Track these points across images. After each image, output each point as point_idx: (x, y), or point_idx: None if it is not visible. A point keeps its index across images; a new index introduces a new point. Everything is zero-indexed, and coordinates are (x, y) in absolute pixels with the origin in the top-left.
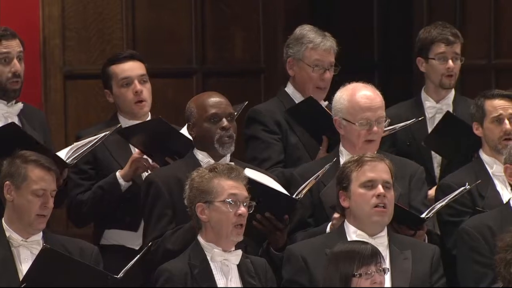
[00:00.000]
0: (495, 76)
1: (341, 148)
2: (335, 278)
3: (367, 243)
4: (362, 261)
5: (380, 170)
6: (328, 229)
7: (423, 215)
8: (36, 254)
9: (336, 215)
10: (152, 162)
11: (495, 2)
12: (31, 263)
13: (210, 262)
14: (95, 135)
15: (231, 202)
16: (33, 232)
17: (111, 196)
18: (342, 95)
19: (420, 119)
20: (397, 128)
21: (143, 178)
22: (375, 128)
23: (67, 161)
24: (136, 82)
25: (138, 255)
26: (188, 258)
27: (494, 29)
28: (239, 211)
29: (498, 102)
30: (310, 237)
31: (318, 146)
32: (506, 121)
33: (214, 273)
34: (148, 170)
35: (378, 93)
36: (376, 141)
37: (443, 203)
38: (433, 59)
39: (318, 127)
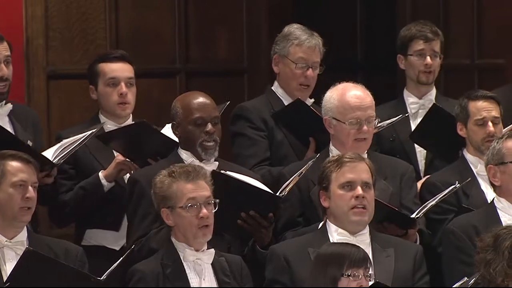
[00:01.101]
0: (478, 76)
1: (331, 147)
2: (322, 278)
3: (358, 247)
4: (353, 263)
5: (359, 170)
6: None
7: (413, 215)
8: (20, 254)
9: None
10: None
11: (478, 2)
12: (15, 264)
13: (183, 261)
14: (81, 133)
15: (191, 206)
16: (17, 226)
17: (94, 196)
18: (332, 94)
19: (405, 115)
20: (384, 125)
21: (126, 179)
22: (365, 127)
23: (53, 161)
24: (122, 84)
25: (122, 257)
26: (161, 258)
27: (477, 29)
28: (201, 214)
29: (482, 104)
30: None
31: (304, 145)
32: (490, 124)
33: (187, 272)
34: (132, 172)
35: (368, 93)
36: (367, 140)
37: (433, 202)
38: (412, 55)
39: (305, 129)
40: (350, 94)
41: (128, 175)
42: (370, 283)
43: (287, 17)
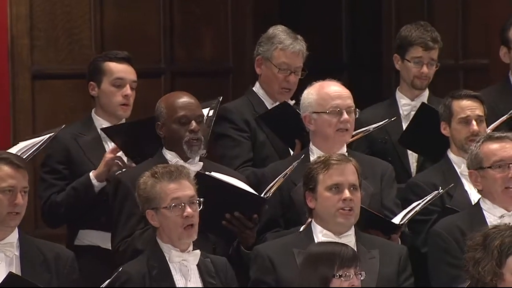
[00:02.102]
0: (463, 76)
1: (312, 146)
2: (313, 278)
3: (347, 245)
4: (343, 263)
5: (346, 173)
6: None
7: (396, 219)
8: (10, 256)
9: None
10: (128, 161)
11: (462, 2)
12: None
13: (168, 263)
14: (39, 136)
15: (175, 206)
16: (6, 229)
17: (85, 197)
18: (310, 91)
19: (392, 119)
20: (371, 129)
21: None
22: (345, 116)
23: None
24: (128, 86)
25: (110, 279)
26: (146, 259)
27: (462, 29)
28: (185, 213)
29: (466, 103)
30: None
31: (287, 146)
32: (474, 122)
33: (173, 273)
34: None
35: (344, 87)
36: (349, 131)
37: (417, 208)
38: (409, 61)
39: (290, 132)
40: (328, 87)
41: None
42: (361, 278)
43: (272, 18)
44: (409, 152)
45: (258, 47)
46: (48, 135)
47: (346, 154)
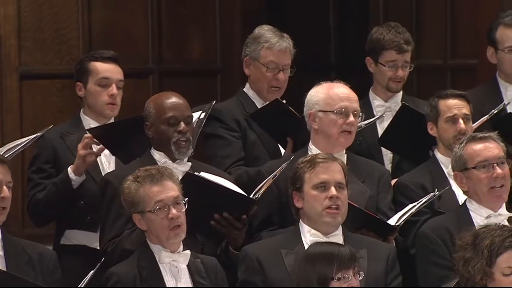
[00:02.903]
0: (451, 76)
1: (311, 145)
2: (312, 278)
3: (344, 246)
4: (342, 265)
5: (333, 171)
6: None
7: (391, 221)
8: None
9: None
10: (100, 146)
11: (451, 2)
12: None
13: (159, 263)
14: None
15: (159, 209)
16: None
17: (64, 192)
18: (318, 89)
19: (379, 117)
20: (363, 125)
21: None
22: (352, 118)
23: None
24: (114, 85)
25: (95, 268)
26: (137, 260)
27: (450, 30)
28: (170, 215)
29: (452, 102)
30: None
31: (277, 145)
32: (461, 121)
33: (163, 274)
34: (105, 162)
35: (353, 91)
36: (352, 134)
37: (413, 210)
38: (383, 65)
39: (282, 130)
40: (337, 88)
41: (107, 169)
42: (360, 278)
43: (260, 18)
44: (384, 153)
45: (245, 48)
46: (34, 136)
47: (345, 156)
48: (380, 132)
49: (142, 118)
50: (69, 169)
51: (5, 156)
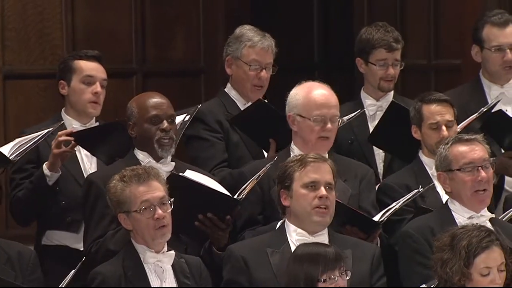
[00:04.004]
0: (435, 77)
1: (293, 146)
2: (299, 278)
3: (330, 246)
4: (327, 266)
5: (323, 171)
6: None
7: (376, 218)
8: None
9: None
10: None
11: (435, 2)
12: None
13: (143, 264)
14: (38, 131)
15: (145, 209)
16: None
17: (39, 188)
18: (298, 91)
19: (363, 110)
20: (345, 120)
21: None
22: (329, 125)
23: (10, 157)
24: (98, 83)
25: (77, 267)
26: (121, 260)
27: (434, 29)
28: (156, 215)
29: (435, 108)
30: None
31: (261, 148)
32: (444, 128)
33: (148, 274)
34: (86, 163)
35: (333, 93)
36: (330, 139)
37: (397, 206)
38: (374, 64)
39: (264, 131)
40: (316, 92)
41: (89, 170)
42: (347, 278)
43: (244, 18)
44: (376, 152)
45: (227, 47)
46: (47, 130)
47: (327, 155)
48: (371, 130)
49: (121, 123)
50: (44, 165)
51: (15, 155)
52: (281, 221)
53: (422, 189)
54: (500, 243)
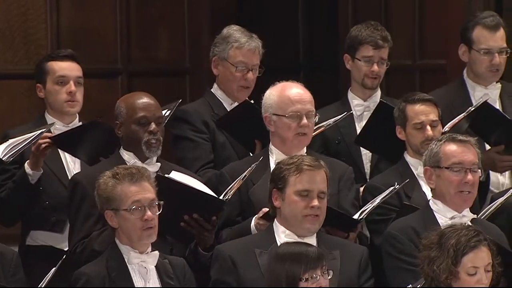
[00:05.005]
0: (419, 77)
1: (271, 146)
2: (281, 277)
3: (311, 245)
4: (309, 265)
5: (318, 180)
6: (252, 226)
7: (355, 216)
8: None
9: (261, 221)
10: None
11: (419, 2)
12: None
13: (127, 264)
14: (28, 132)
15: (135, 208)
16: None
17: (22, 187)
18: (272, 91)
19: (350, 112)
20: (326, 125)
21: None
22: (305, 121)
23: (3, 158)
24: (72, 82)
25: (57, 265)
26: (105, 261)
27: (419, 30)
28: (145, 217)
29: (420, 108)
30: (235, 233)
31: (247, 149)
32: (428, 127)
33: (132, 275)
34: (70, 163)
35: (307, 90)
36: (307, 136)
37: (375, 203)
38: (359, 60)
39: (250, 132)
40: (290, 90)
41: (73, 170)
42: (329, 277)
43: (229, 18)
44: (363, 152)
45: (214, 48)
46: (39, 131)
47: (305, 153)
48: (359, 131)
49: (97, 121)
50: (26, 164)
51: (8, 156)
52: (253, 218)
53: (398, 185)
54: (488, 243)
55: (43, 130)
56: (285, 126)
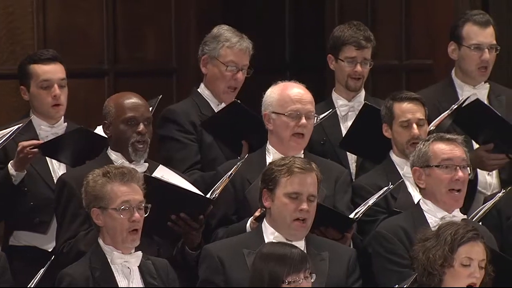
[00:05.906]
0: (406, 77)
1: (268, 146)
2: (264, 275)
3: (296, 247)
4: (292, 268)
5: (308, 183)
6: (248, 226)
7: (351, 216)
8: None
9: (257, 213)
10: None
11: (406, 2)
12: None
13: (111, 264)
14: (7, 128)
15: (124, 209)
16: None
17: (5, 187)
18: (273, 90)
19: (335, 109)
20: (317, 121)
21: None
22: (303, 121)
23: None
24: (56, 86)
25: (45, 266)
26: (89, 261)
27: (405, 30)
28: (133, 218)
29: (407, 106)
30: (231, 233)
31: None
32: (414, 126)
33: (115, 275)
34: (55, 164)
35: (308, 91)
36: (305, 137)
37: (370, 203)
38: (342, 60)
39: (237, 133)
40: (291, 89)
41: (59, 171)
42: (312, 280)
43: (215, 18)
44: (348, 153)
45: (204, 46)
46: (16, 127)
47: (302, 156)
48: (344, 131)
49: (83, 129)
50: (9, 164)
51: None
52: (250, 219)
53: (392, 185)
54: (484, 242)
55: (20, 125)
56: (284, 125)
